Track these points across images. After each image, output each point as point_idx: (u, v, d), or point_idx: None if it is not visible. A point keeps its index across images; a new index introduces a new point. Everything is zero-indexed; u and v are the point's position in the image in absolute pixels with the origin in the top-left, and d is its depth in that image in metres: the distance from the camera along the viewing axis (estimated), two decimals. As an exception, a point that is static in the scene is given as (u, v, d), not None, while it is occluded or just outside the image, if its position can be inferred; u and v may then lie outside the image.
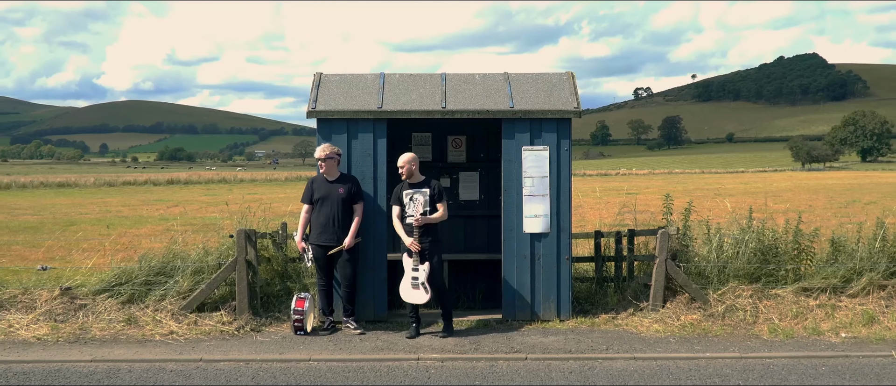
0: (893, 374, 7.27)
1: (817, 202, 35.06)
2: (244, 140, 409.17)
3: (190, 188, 64.40)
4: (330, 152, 9.06)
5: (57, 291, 9.53)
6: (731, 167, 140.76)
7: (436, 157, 11.25)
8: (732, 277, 9.82)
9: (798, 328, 9.01)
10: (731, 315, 9.30)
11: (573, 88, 9.96)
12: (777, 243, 10.18)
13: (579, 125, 11.50)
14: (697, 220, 10.97)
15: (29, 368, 7.54)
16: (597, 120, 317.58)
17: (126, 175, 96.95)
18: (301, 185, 12.76)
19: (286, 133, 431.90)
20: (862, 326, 9.01)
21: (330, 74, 10.21)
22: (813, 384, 6.91)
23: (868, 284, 9.59)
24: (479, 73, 10.30)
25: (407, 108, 9.63)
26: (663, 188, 41.12)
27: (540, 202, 9.59)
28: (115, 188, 65.80)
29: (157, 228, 22.85)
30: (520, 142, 9.63)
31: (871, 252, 9.88)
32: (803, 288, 9.65)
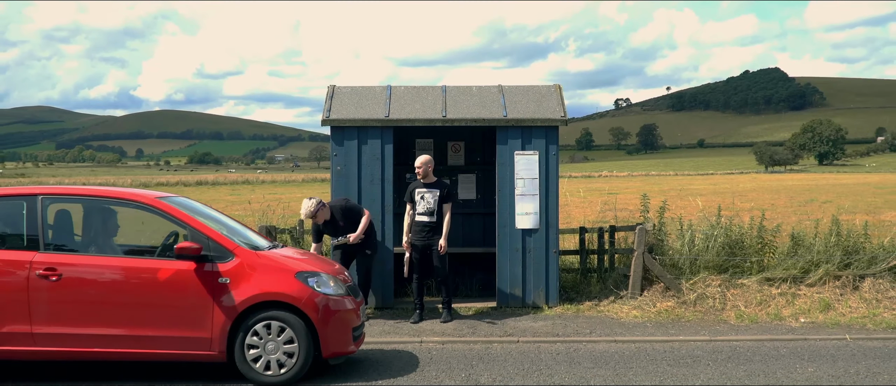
0: (847, 355, 7.27)
1: (779, 201, 35.03)
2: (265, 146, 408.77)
3: (216, 189, 64.35)
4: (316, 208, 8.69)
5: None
6: (701, 170, 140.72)
7: (437, 161, 11.22)
8: (703, 269, 9.82)
9: (762, 314, 9.01)
10: (702, 302, 9.30)
11: (560, 99, 9.96)
12: (743, 238, 10.17)
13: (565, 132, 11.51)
14: (671, 217, 10.97)
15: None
16: (581, 127, 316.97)
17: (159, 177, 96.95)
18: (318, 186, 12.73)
19: (303, 139, 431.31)
20: (819, 312, 9.01)
21: (342, 86, 10.21)
22: (775, 364, 6.91)
23: (824, 275, 9.59)
24: (475, 86, 10.30)
25: (411, 117, 9.63)
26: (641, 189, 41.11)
27: (530, 201, 9.59)
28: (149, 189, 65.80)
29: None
30: (512, 147, 9.63)
31: (827, 246, 9.88)
32: (766, 278, 9.66)
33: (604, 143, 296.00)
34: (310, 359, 6.20)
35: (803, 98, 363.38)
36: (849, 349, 7.52)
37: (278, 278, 6.24)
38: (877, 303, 9.21)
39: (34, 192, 6.47)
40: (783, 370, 6.69)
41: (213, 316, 6.08)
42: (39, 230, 6.27)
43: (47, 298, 6.06)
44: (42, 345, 6.07)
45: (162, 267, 6.18)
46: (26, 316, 6.04)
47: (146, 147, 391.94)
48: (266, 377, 6.13)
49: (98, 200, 6.70)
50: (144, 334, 6.08)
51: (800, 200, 36.40)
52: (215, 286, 6.11)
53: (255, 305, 6.15)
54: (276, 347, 6.15)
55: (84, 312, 6.08)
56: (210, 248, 6.18)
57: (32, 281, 6.05)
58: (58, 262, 6.11)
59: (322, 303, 6.23)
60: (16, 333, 6.04)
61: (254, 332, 6.14)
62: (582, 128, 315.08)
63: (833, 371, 6.67)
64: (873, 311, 9.01)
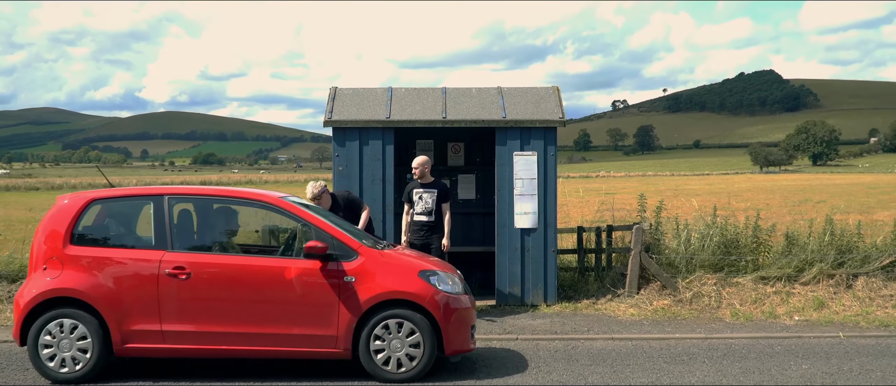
0: (841, 352, 7.27)
1: (773, 201, 35.02)
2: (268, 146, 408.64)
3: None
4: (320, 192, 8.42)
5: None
6: (697, 171, 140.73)
7: (437, 161, 11.24)
8: (699, 267, 9.82)
9: (757, 312, 9.01)
10: (698, 301, 9.29)
11: (558, 101, 9.96)
12: (738, 237, 10.17)
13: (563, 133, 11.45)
14: (668, 217, 10.97)
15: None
16: (579, 129, 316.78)
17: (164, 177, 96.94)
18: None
19: (306, 140, 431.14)
20: (813, 310, 9.01)
21: (344, 88, 10.21)
22: (770, 362, 6.91)
23: (818, 274, 9.59)
24: (475, 88, 10.29)
25: (412, 118, 9.63)
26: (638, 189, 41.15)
27: (529, 201, 9.59)
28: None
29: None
30: (511, 148, 9.63)
31: (821, 245, 9.88)
32: (761, 277, 9.66)
33: (601, 144, 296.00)
34: (433, 356, 6.20)
35: (797, 100, 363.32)
36: (842, 347, 7.52)
37: (402, 277, 6.24)
38: (870, 301, 9.21)
39: (160, 192, 6.51)
40: (778, 368, 6.69)
41: (339, 314, 6.09)
42: (167, 230, 6.30)
43: (176, 297, 6.09)
44: (171, 342, 6.11)
45: (288, 266, 6.18)
46: (156, 314, 6.09)
47: (151, 148, 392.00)
48: (392, 374, 6.14)
49: (223, 200, 6.73)
50: (271, 332, 6.10)
51: (794, 199, 36.39)
52: (341, 285, 6.12)
53: (379, 304, 6.15)
54: (400, 345, 6.15)
55: (212, 310, 6.11)
56: (335, 247, 6.20)
57: (162, 280, 6.10)
58: (186, 261, 6.15)
59: (444, 301, 6.22)
60: (146, 331, 6.10)
61: (379, 330, 6.13)
62: (580, 129, 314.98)
63: (827, 368, 6.67)
64: (866, 309, 9.01)
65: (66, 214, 6.37)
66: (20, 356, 6.98)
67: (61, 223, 6.33)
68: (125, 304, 6.09)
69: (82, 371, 6.07)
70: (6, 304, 9.11)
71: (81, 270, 6.15)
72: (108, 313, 6.07)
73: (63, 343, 6.08)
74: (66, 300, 6.13)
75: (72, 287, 6.10)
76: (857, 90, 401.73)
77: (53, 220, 6.37)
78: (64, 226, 6.31)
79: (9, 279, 9.56)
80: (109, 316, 6.07)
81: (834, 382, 6.26)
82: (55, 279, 6.14)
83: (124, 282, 6.14)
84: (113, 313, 6.07)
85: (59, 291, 6.11)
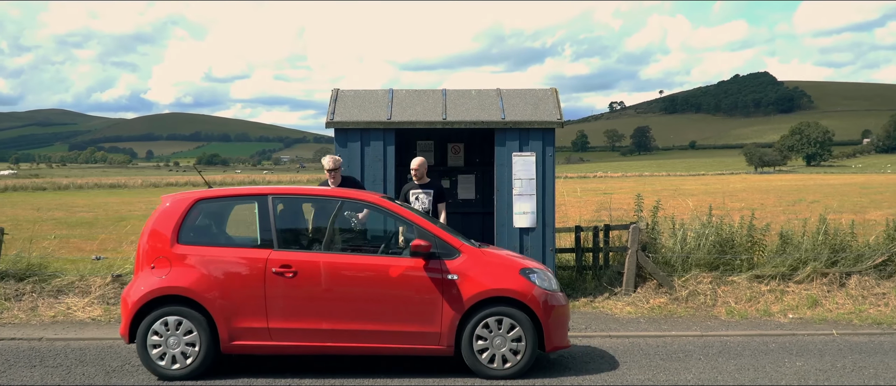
0: (834, 350, 7.27)
1: (768, 201, 35.04)
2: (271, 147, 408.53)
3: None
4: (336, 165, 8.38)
5: (109, 278, 9.55)
6: (693, 171, 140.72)
7: (437, 162, 11.25)
8: (694, 266, 9.83)
9: (751, 310, 9.01)
10: (694, 299, 9.30)
11: (556, 102, 9.96)
12: (733, 236, 10.18)
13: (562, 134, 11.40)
14: (664, 216, 10.97)
15: (85, 344, 7.55)
16: (577, 130, 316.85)
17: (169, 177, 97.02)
18: (321, 186, 12.76)
19: (308, 141, 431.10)
20: (807, 308, 9.01)
21: (346, 90, 10.21)
22: (764, 359, 6.91)
23: (812, 272, 9.60)
24: (475, 89, 10.30)
25: (412, 120, 9.63)
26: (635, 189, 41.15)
27: (528, 201, 9.59)
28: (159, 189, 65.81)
29: (195, 224, 22.82)
30: (510, 148, 9.63)
31: (815, 244, 9.88)
32: (756, 275, 9.66)
33: (599, 145, 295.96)
34: (535, 353, 6.19)
35: (792, 101, 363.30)
36: (836, 344, 7.52)
37: (504, 274, 6.23)
38: (863, 299, 9.21)
39: (264, 192, 6.52)
40: (772, 365, 6.69)
41: (442, 312, 6.09)
42: (272, 229, 6.30)
43: (282, 295, 6.09)
44: (277, 340, 6.12)
45: (392, 264, 6.18)
46: (263, 311, 6.09)
47: (156, 148, 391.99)
48: (494, 371, 6.14)
49: (325, 200, 6.72)
50: (375, 329, 6.10)
51: (788, 199, 36.40)
52: (444, 282, 6.11)
53: (481, 301, 6.14)
54: (503, 342, 6.14)
55: (317, 307, 6.11)
56: (438, 245, 6.20)
57: (269, 278, 6.10)
58: (292, 259, 6.15)
59: (544, 298, 6.21)
60: (253, 329, 6.10)
61: (482, 326, 6.13)
62: (577, 130, 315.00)
63: (820, 365, 6.67)
64: (859, 307, 9.01)
65: (172, 213, 6.38)
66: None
67: (168, 223, 6.33)
68: (232, 301, 6.09)
69: (190, 368, 6.08)
70: (13, 302, 9.12)
71: (189, 269, 6.15)
72: (215, 311, 6.07)
73: (171, 340, 6.08)
74: (175, 298, 6.13)
75: (180, 285, 6.09)
76: (851, 92, 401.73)
77: (160, 219, 6.37)
78: (171, 225, 6.31)
79: (16, 278, 9.57)
80: (217, 314, 6.07)
81: (827, 378, 6.26)
82: (163, 278, 6.13)
83: (231, 280, 6.14)
84: (220, 311, 6.08)
85: (167, 289, 6.10)
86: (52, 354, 7.09)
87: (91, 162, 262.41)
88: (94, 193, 57.40)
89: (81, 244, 16.77)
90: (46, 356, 7.02)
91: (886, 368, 6.58)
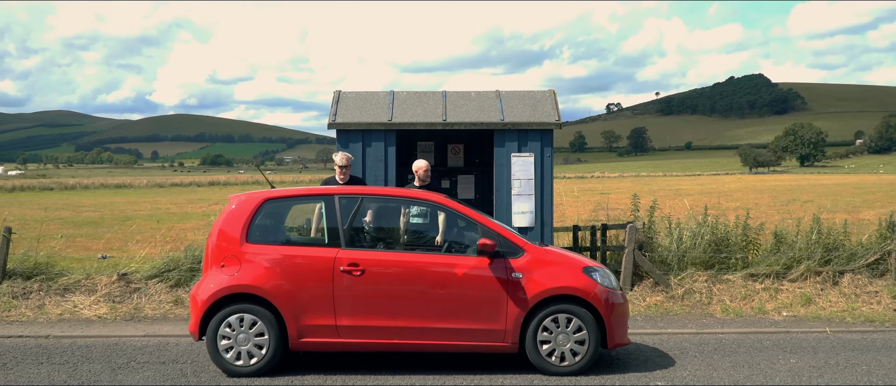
0: (827, 347, 7.27)
1: (762, 201, 35.05)
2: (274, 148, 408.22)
3: (228, 189, 64.42)
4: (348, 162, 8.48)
5: (115, 277, 9.54)
6: (689, 171, 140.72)
7: (437, 162, 11.25)
8: (690, 265, 9.83)
9: (746, 308, 9.01)
10: (690, 297, 9.29)
11: (555, 104, 9.96)
12: (728, 236, 10.18)
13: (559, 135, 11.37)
14: (660, 216, 10.98)
15: (91, 342, 7.55)
16: (575, 131, 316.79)
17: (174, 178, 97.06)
18: (323, 187, 12.79)
19: (310, 142, 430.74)
20: (800, 306, 9.01)
21: (347, 92, 10.21)
22: (759, 356, 6.91)
23: (806, 271, 9.60)
24: (474, 91, 10.30)
25: (413, 121, 9.63)
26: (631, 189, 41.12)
27: (526, 201, 9.59)
28: (164, 189, 65.84)
29: (200, 223, 22.86)
30: (509, 149, 9.63)
31: (809, 243, 9.89)
32: (751, 274, 9.66)
33: (596, 146, 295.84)
34: (597, 350, 6.20)
35: (786, 103, 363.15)
36: (829, 342, 7.51)
37: (568, 273, 6.22)
38: (855, 297, 9.21)
39: (331, 192, 6.51)
40: (766, 362, 6.69)
41: (507, 309, 6.09)
42: (339, 228, 6.29)
43: (350, 293, 6.09)
44: (345, 337, 6.11)
45: (458, 263, 6.17)
46: (331, 309, 6.09)
47: (161, 149, 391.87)
48: (557, 367, 6.13)
49: (390, 200, 6.71)
50: (442, 327, 6.10)
51: (782, 199, 36.41)
52: (509, 281, 6.11)
53: (546, 299, 6.15)
54: (566, 339, 6.14)
55: (385, 305, 6.11)
56: (502, 244, 6.20)
57: (337, 276, 6.09)
58: (360, 258, 6.14)
59: (606, 296, 6.21)
60: (321, 326, 6.10)
61: (545, 324, 6.14)
62: (575, 131, 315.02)
63: (814, 362, 6.67)
64: (852, 305, 9.01)
65: (241, 213, 6.36)
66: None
67: (237, 222, 6.32)
68: (301, 299, 6.08)
69: (258, 365, 6.06)
70: (21, 300, 9.12)
71: (258, 267, 6.14)
72: (284, 309, 6.06)
73: (241, 337, 6.07)
74: (244, 296, 6.12)
75: (250, 283, 6.08)
76: (844, 93, 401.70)
77: (229, 219, 6.36)
78: (240, 224, 6.30)
79: (24, 276, 9.57)
80: (286, 311, 6.06)
81: (821, 375, 6.26)
82: (233, 276, 6.12)
83: (300, 278, 6.12)
84: (289, 309, 6.07)
85: (237, 287, 6.09)
86: (58, 352, 7.09)
87: (97, 162, 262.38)
88: (100, 192, 57.39)
89: (87, 243, 16.78)
90: (53, 353, 7.02)
91: (879, 364, 6.58)
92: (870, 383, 6.01)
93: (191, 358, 6.82)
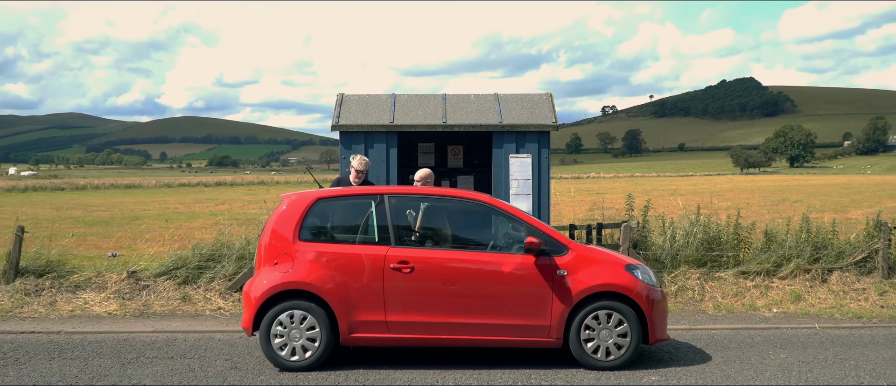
0: (816, 342, 7.27)
1: (753, 201, 35.04)
2: (279, 149, 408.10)
3: (234, 189, 64.42)
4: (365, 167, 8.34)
5: (124, 274, 9.54)
6: (682, 172, 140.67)
7: (438, 163, 11.25)
8: (683, 263, 9.82)
9: (737, 305, 9.00)
10: (682, 294, 9.29)
11: (551, 106, 9.96)
12: (720, 234, 10.17)
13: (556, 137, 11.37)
14: (654, 215, 10.97)
15: (101, 337, 7.55)
16: (571, 133, 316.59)
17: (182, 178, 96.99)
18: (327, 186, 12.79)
19: (314, 143, 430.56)
20: (790, 303, 9.01)
21: (350, 95, 10.22)
22: (750, 351, 6.91)
23: (795, 269, 9.59)
24: (473, 94, 10.30)
25: (414, 123, 9.64)
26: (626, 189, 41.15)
27: (524, 200, 9.59)
28: (172, 189, 65.80)
29: (207, 222, 22.86)
30: (507, 151, 9.64)
31: (798, 242, 9.88)
32: (742, 271, 9.65)
33: (592, 147, 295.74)
34: (639, 346, 6.21)
35: (776, 105, 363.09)
36: (818, 337, 7.51)
37: (611, 271, 6.24)
38: (844, 294, 9.21)
39: (381, 191, 6.53)
40: (757, 357, 6.69)
41: (552, 306, 6.10)
42: (390, 226, 6.30)
43: (400, 289, 6.09)
44: (395, 332, 6.12)
45: (505, 260, 6.18)
46: (381, 305, 6.10)
47: (169, 150, 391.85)
48: (601, 362, 6.15)
49: (439, 199, 6.69)
50: (488, 322, 6.11)
51: (772, 199, 36.40)
52: (554, 278, 6.12)
53: (590, 296, 6.16)
54: (609, 335, 6.16)
55: (433, 301, 6.10)
56: (547, 242, 6.22)
57: (387, 273, 6.11)
58: (409, 255, 6.15)
59: (647, 293, 6.23)
60: (371, 322, 6.11)
61: (587, 322, 6.15)
62: (571, 133, 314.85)
63: (803, 357, 6.67)
64: (840, 301, 9.01)
65: (293, 212, 6.37)
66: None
67: (289, 221, 6.33)
68: (352, 296, 6.09)
69: (311, 359, 6.07)
70: (33, 297, 9.12)
71: (310, 265, 6.14)
72: (336, 305, 6.07)
73: (293, 333, 6.08)
74: (296, 293, 6.13)
75: (302, 280, 6.09)
76: (832, 96, 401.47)
77: (282, 218, 6.36)
78: (292, 223, 6.31)
79: (36, 274, 9.57)
80: (337, 307, 6.07)
81: (810, 370, 6.26)
82: (286, 274, 6.13)
83: (352, 275, 6.13)
84: (341, 305, 6.08)
85: (290, 284, 6.10)
86: (70, 347, 7.09)
87: (107, 163, 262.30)
88: (109, 193, 57.37)
89: (98, 242, 16.78)
90: (65, 349, 7.02)
91: (866, 359, 6.58)
92: (857, 378, 6.01)
93: (198, 353, 6.82)
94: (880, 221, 9.93)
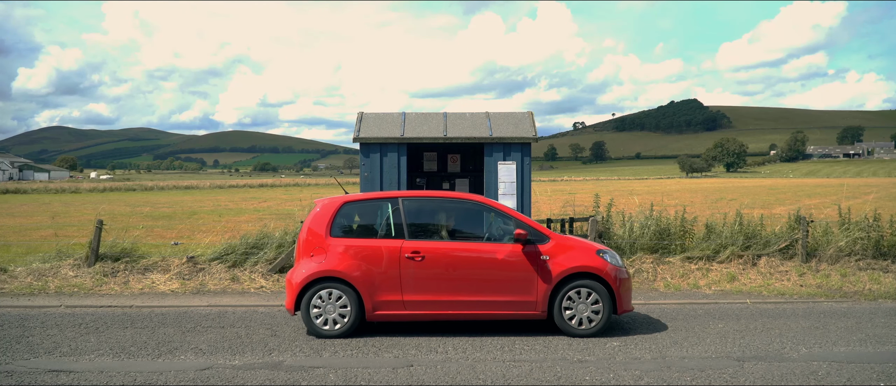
0: (747, 315, 7.27)
1: (696, 199, 34.99)
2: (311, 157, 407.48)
3: (274, 190, 64.38)
4: None
5: (184, 259, 9.54)
6: (638, 176, 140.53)
7: (439, 169, 11.26)
8: (639, 250, 9.82)
9: (683, 284, 9.00)
10: (639, 275, 9.29)
11: (532, 122, 9.96)
12: (669, 227, 10.17)
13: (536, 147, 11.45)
14: (616, 211, 10.96)
15: (165, 311, 7.55)
16: (548, 144, 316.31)
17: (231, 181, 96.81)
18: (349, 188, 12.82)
19: (339, 153, 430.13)
20: (726, 282, 9.00)
21: (368, 112, 10.22)
22: (694, 322, 6.91)
23: (731, 255, 9.59)
24: (469, 112, 10.31)
25: (420, 136, 9.64)
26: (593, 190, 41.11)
27: (510, 199, 9.59)
28: (223, 190, 65.73)
29: (252, 217, 22.87)
30: (496, 158, 9.64)
31: (733, 232, 9.88)
32: (687, 257, 9.65)
33: (565, 156, 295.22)
34: (610, 316, 6.26)
35: (715, 122, 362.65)
36: (749, 311, 7.51)
37: (585, 255, 6.29)
38: (770, 275, 9.21)
39: (395, 195, 6.56)
40: (699, 326, 6.69)
41: (538, 285, 6.17)
42: (404, 223, 6.34)
43: (414, 274, 6.15)
44: (410, 309, 6.18)
45: (498, 249, 6.23)
46: (398, 288, 6.17)
47: (221, 159, 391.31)
48: (579, 330, 6.20)
49: (441, 200, 6.69)
50: (486, 299, 6.17)
51: (712, 198, 36.35)
52: (538, 262, 6.19)
53: (568, 276, 6.21)
54: (585, 308, 6.22)
55: (441, 284, 6.16)
56: (532, 233, 6.26)
57: (403, 262, 6.17)
58: (420, 247, 6.20)
59: (615, 273, 6.29)
60: (391, 300, 6.17)
61: (568, 296, 6.19)
62: (549, 144, 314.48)
63: (737, 326, 6.67)
64: (767, 281, 9.01)
65: (325, 213, 6.41)
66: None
67: (322, 220, 6.37)
68: (375, 280, 6.16)
69: (342, 329, 6.16)
70: (110, 278, 9.12)
71: (340, 256, 6.20)
72: (362, 288, 6.14)
73: (328, 308, 6.17)
74: (329, 279, 6.19)
75: (335, 269, 6.17)
76: (761, 114, 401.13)
77: (316, 219, 6.40)
78: (325, 222, 6.36)
79: (112, 259, 9.57)
80: (363, 289, 6.14)
81: (743, 336, 6.26)
82: (321, 263, 6.20)
83: (374, 264, 6.18)
84: (366, 287, 6.15)
85: (324, 272, 6.17)
86: (140, 318, 7.09)
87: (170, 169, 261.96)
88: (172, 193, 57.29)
89: (163, 233, 16.77)
90: (136, 320, 7.02)
91: (788, 328, 6.59)
92: (781, 344, 6.01)
93: (245, 323, 6.82)
94: (800, 216, 9.93)
